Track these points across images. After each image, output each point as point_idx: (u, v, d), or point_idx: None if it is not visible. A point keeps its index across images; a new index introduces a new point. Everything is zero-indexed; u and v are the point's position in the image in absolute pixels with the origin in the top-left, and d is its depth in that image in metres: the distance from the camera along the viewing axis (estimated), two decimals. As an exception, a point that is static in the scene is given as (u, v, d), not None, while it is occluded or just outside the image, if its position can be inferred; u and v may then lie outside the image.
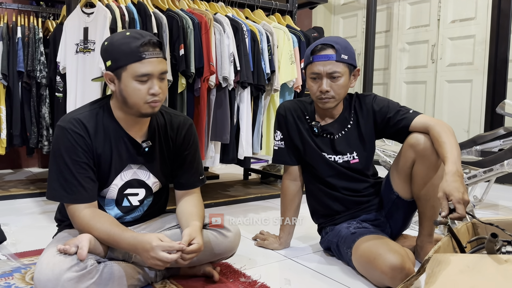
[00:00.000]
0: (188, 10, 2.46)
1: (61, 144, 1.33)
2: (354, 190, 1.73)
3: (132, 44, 1.28)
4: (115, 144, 1.39)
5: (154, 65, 1.30)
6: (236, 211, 2.52)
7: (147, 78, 1.30)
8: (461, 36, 4.04)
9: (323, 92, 1.60)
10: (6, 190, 2.86)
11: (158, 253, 1.23)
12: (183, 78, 2.30)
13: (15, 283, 1.45)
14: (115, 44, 1.31)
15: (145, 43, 1.29)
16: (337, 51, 1.58)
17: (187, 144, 1.50)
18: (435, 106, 4.25)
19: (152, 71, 1.29)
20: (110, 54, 1.31)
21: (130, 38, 1.30)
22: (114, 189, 1.43)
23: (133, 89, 1.30)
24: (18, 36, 2.91)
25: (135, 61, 1.28)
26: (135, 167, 1.44)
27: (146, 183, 1.47)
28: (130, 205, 1.47)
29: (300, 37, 2.74)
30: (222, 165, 2.64)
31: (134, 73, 1.29)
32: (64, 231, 1.45)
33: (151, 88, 1.30)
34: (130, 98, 1.32)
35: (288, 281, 1.56)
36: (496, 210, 2.71)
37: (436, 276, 1.03)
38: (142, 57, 1.28)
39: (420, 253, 1.67)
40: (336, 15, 5.28)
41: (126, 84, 1.30)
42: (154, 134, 1.45)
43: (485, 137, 2.53)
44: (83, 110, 1.39)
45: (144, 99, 1.31)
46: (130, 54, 1.28)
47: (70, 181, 1.32)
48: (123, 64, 1.29)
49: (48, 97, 2.99)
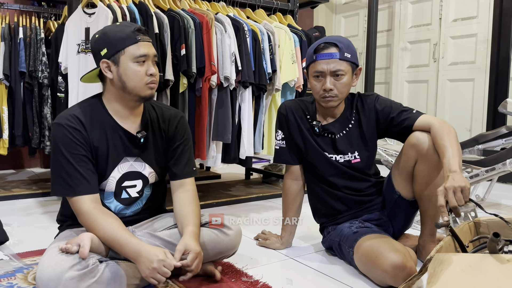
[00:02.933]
0: (190, 10, 2.46)
1: (59, 140, 1.37)
2: (356, 189, 1.73)
3: (127, 30, 1.38)
4: (111, 137, 1.43)
5: (148, 47, 1.39)
6: (238, 211, 2.52)
7: (144, 59, 1.38)
8: (463, 35, 4.03)
9: (327, 90, 1.60)
10: (8, 190, 2.87)
11: (161, 268, 1.26)
12: (185, 78, 2.30)
13: (18, 283, 1.46)
14: (109, 33, 1.39)
15: (137, 29, 1.39)
16: (340, 50, 1.58)
17: (179, 135, 1.54)
18: (437, 105, 4.24)
19: (148, 52, 1.38)
20: (105, 42, 1.38)
21: (123, 26, 1.40)
22: (112, 181, 1.45)
23: (133, 71, 1.37)
24: (20, 36, 2.92)
25: (132, 43, 1.37)
26: (131, 159, 1.48)
27: (143, 173, 1.49)
28: (129, 197, 1.49)
29: (301, 37, 2.74)
30: (223, 164, 2.64)
31: (132, 55, 1.36)
32: (66, 231, 1.46)
33: (148, 70, 1.39)
34: (130, 81, 1.38)
35: (290, 281, 1.56)
36: (498, 209, 2.70)
37: (438, 276, 1.03)
38: (138, 39, 1.37)
39: (422, 253, 1.67)
40: (338, 14, 5.28)
41: (125, 67, 1.37)
42: (147, 126, 1.49)
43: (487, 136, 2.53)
44: (76, 107, 1.44)
45: (143, 80, 1.38)
46: (127, 38, 1.37)
47: (72, 174, 1.35)
48: (121, 48, 1.36)
49: (50, 97, 3.00)
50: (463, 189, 1.25)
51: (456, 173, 1.32)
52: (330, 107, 1.66)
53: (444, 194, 1.26)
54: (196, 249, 1.33)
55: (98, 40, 1.40)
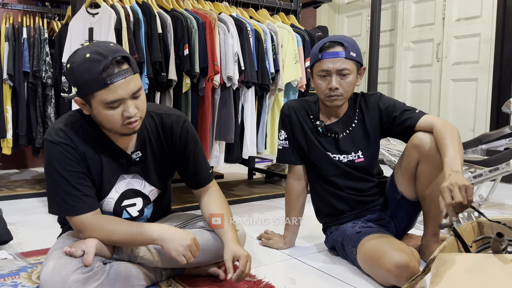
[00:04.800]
0: (193, 10, 2.47)
1: (53, 158, 1.27)
2: (358, 189, 1.73)
3: (94, 70, 1.16)
4: (104, 155, 1.33)
5: (123, 87, 1.18)
6: (241, 211, 2.53)
7: (119, 103, 1.20)
8: (466, 35, 4.02)
9: (333, 89, 1.59)
10: (12, 190, 2.88)
11: (193, 246, 1.28)
12: (188, 78, 2.31)
13: (22, 282, 1.47)
14: (76, 70, 1.19)
15: (107, 66, 1.16)
16: (346, 49, 1.58)
17: (185, 142, 1.43)
18: (440, 105, 4.23)
19: (122, 95, 1.19)
20: (74, 81, 1.21)
21: (91, 62, 1.17)
22: (110, 202, 1.39)
23: (105, 116, 1.22)
24: (24, 36, 2.93)
25: (101, 89, 1.17)
26: (128, 177, 1.40)
27: (142, 192, 1.43)
28: (130, 216, 1.43)
29: (304, 36, 2.74)
30: (226, 164, 2.64)
31: (102, 100, 1.19)
32: (68, 232, 1.44)
33: (125, 111, 1.21)
34: (105, 123, 1.26)
35: (293, 281, 1.56)
36: (502, 209, 2.69)
37: (441, 276, 1.03)
38: (107, 83, 1.17)
39: (425, 253, 1.67)
40: (341, 14, 5.27)
41: (97, 111, 1.22)
42: (145, 142, 1.39)
43: (490, 136, 2.52)
44: (67, 121, 1.31)
45: (119, 123, 1.23)
46: (94, 81, 1.17)
47: (71, 192, 1.27)
48: (89, 93, 1.19)
49: (53, 97, 3.01)
50: (467, 188, 1.24)
51: (458, 173, 1.32)
52: (335, 106, 1.66)
53: (450, 190, 1.25)
54: (244, 254, 1.35)
55: (68, 73, 1.23)
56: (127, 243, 1.32)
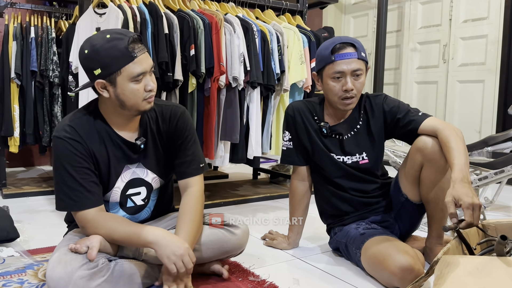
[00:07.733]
0: (199, 10, 2.48)
1: (59, 153, 1.32)
2: (362, 191, 1.73)
3: (120, 46, 1.25)
4: (110, 146, 1.38)
5: (145, 61, 1.29)
6: (245, 211, 2.53)
7: (142, 76, 1.29)
8: (473, 36, 4.00)
9: (349, 90, 1.59)
10: (19, 188, 2.91)
11: (186, 257, 1.28)
12: (194, 78, 2.32)
13: (28, 279, 1.48)
14: (101, 51, 1.25)
15: (131, 41, 1.26)
16: (357, 49, 1.59)
17: (180, 132, 1.46)
18: (447, 106, 4.22)
19: (145, 68, 1.29)
20: (97, 61, 1.26)
21: (114, 40, 1.25)
22: (117, 191, 1.43)
23: (132, 91, 1.29)
24: (32, 36, 2.95)
25: (129, 62, 1.26)
26: (132, 166, 1.44)
27: (146, 180, 1.46)
28: (134, 205, 1.47)
29: (310, 37, 2.74)
30: (231, 164, 2.65)
31: (130, 75, 1.27)
32: (74, 230, 1.46)
33: (147, 85, 1.31)
34: (129, 100, 1.31)
35: (296, 281, 1.56)
36: (507, 212, 2.68)
37: (445, 278, 1.03)
38: (134, 56, 1.26)
39: (429, 255, 1.67)
40: (347, 15, 5.26)
41: (123, 88, 1.28)
42: (146, 130, 1.44)
43: (496, 138, 2.51)
44: (73, 117, 1.37)
45: (142, 97, 1.31)
46: (122, 56, 1.25)
47: (75, 188, 1.31)
48: (117, 69, 1.26)
49: (60, 96, 3.03)
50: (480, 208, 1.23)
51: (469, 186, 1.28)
52: (349, 110, 1.66)
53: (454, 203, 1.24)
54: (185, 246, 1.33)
55: (89, 57, 1.28)
56: (125, 242, 1.34)
